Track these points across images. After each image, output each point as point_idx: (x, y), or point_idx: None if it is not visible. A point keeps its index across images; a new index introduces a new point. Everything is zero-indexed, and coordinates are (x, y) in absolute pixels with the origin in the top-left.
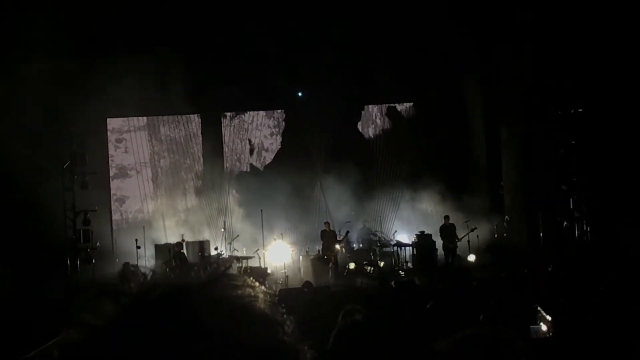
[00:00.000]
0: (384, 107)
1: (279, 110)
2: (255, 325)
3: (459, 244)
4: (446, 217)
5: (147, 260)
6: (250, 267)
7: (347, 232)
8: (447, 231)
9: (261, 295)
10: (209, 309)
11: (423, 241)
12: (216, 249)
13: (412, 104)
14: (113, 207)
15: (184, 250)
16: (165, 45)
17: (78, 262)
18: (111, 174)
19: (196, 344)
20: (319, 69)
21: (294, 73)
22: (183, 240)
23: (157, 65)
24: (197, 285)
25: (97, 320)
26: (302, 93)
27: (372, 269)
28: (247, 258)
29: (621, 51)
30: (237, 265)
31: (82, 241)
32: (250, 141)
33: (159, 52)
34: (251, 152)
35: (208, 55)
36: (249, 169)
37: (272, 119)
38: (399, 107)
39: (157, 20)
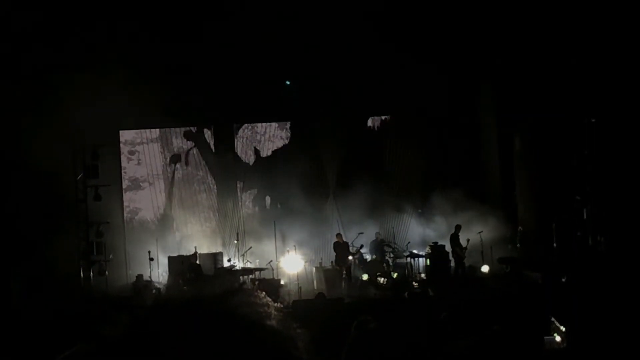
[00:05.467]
0: (396, 117)
1: (290, 122)
2: (267, 340)
3: (469, 254)
4: (457, 227)
5: (159, 273)
6: (264, 279)
7: (361, 245)
8: (457, 239)
9: (274, 312)
10: (223, 324)
11: (436, 252)
12: (229, 260)
13: (425, 113)
14: (126, 219)
15: (198, 262)
16: (177, 58)
17: (91, 273)
18: (124, 186)
19: (209, 357)
20: (329, 81)
21: (302, 83)
22: (196, 252)
23: (168, 77)
24: (211, 300)
25: (113, 333)
26: (290, 82)
27: (386, 280)
28: (260, 270)
29: (635, 62)
30: (251, 277)
31: (95, 253)
32: (256, 149)
33: (170, 64)
34: (257, 163)
35: (219, 67)
36: (261, 180)
37: (284, 130)
38: (411, 116)
39: (169, 33)
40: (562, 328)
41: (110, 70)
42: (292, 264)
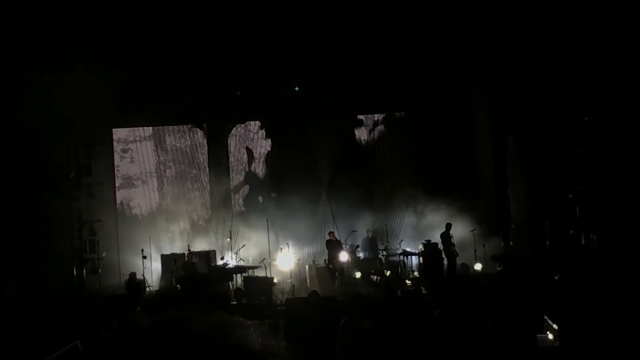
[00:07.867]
0: (390, 115)
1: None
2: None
3: (460, 250)
4: (448, 225)
5: (152, 271)
6: (257, 277)
7: (357, 245)
8: (448, 238)
9: (253, 335)
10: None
11: (429, 250)
12: (222, 258)
13: (418, 112)
14: (119, 217)
15: (192, 260)
16: (170, 54)
17: (84, 272)
18: (117, 184)
19: None
20: (324, 79)
21: (296, 81)
22: (189, 250)
23: (162, 75)
24: (201, 333)
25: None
26: (299, 88)
27: (379, 278)
28: (253, 268)
29: (627, 60)
30: (244, 274)
31: (88, 251)
32: (248, 148)
33: (164, 62)
34: (249, 161)
35: (212, 65)
36: (253, 178)
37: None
38: (405, 116)
39: (163, 32)
40: (555, 326)
41: (103, 68)
42: (285, 261)
